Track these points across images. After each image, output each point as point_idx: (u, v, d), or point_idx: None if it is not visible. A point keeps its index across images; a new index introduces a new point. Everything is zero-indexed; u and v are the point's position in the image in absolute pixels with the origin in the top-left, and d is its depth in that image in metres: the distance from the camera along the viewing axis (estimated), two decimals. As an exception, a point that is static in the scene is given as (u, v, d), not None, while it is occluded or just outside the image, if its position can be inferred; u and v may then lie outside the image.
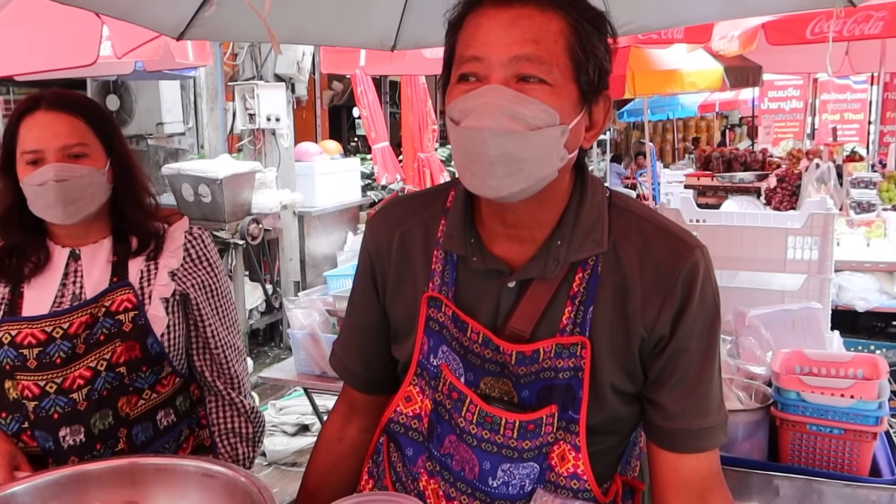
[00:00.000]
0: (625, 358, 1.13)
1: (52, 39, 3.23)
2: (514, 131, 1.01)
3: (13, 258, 1.63)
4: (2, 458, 1.49)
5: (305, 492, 1.37)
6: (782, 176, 5.95)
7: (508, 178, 1.03)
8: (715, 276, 1.17)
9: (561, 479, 1.14)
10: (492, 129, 1.00)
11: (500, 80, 1.02)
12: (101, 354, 1.61)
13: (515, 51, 1.02)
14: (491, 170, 1.03)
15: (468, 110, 1.03)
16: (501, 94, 1.01)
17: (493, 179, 1.04)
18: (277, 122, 6.37)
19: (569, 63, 1.04)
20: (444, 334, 1.18)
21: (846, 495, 1.62)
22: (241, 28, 2.51)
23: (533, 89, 1.02)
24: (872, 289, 3.82)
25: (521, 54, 1.01)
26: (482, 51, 1.03)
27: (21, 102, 1.61)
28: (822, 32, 5.16)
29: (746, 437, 1.78)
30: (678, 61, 7.24)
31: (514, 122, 1.01)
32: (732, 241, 2.64)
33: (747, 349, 2.00)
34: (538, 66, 1.02)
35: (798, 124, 11.55)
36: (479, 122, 1.01)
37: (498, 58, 1.02)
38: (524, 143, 1.02)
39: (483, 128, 1.01)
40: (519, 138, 1.01)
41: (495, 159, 1.02)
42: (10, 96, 7.78)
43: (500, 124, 1.00)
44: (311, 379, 3.11)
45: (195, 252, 1.74)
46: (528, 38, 1.02)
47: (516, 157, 1.02)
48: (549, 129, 1.03)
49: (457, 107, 1.05)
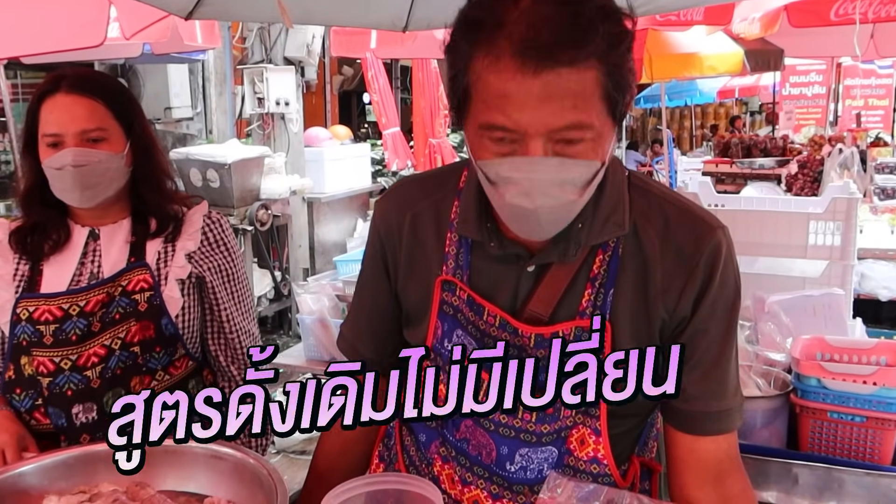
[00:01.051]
0: (645, 340, 1.12)
1: (60, 20, 3.24)
2: (566, 201, 1.01)
3: (34, 236, 1.67)
4: (10, 438, 1.51)
5: (315, 475, 1.38)
6: (804, 162, 5.90)
7: (557, 227, 1.06)
8: (736, 257, 1.16)
9: (580, 464, 1.14)
10: (545, 206, 1.00)
11: (539, 149, 0.96)
12: (116, 333, 1.63)
13: (555, 123, 0.95)
14: (540, 229, 1.05)
15: (510, 180, 0.99)
16: (547, 167, 0.97)
17: (540, 233, 1.07)
18: (287, 106, 6.37)
19: (605, 106, 0.98)
20: (459, 318, 1.18)
21: (868, 484, 1.62)
22: (251, 7, 2.52)
23: (576, 151, 0.98)
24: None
25: (561, 125, 0.95)
26: (514, 124, 0.96)
27: (43, 82, 1.63)
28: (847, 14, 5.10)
29: (765, 425, 1.77)
30: (697, 44, 7.17)
31: (564, 190, 0.99)
32: (752, 226, 2.62)
33: (767, 335, 1.99)
34: (580, 131, 0.97)
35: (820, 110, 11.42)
36: (529, 201, 0.99)
37: (535, 130, 0.95)
38: (571, 208, 1.03)
39: (535, 208, 1.00)
40: (571, 204, 1.02)
41: (546, 224, 1.04)
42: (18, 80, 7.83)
43: (553, 200, 1.00)
44: (320, 365, 3.11)
45: (213, 236, 1.76)
46: (567, 106, 0.94)
47: (567, 215, 1.05)
48: (595, 179, 1.02)
49: (492, 169, 1.00)
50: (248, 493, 1.30)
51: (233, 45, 7.16)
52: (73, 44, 3.35)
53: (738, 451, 1.18)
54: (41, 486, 1.32)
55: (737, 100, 18.22)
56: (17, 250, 1.68)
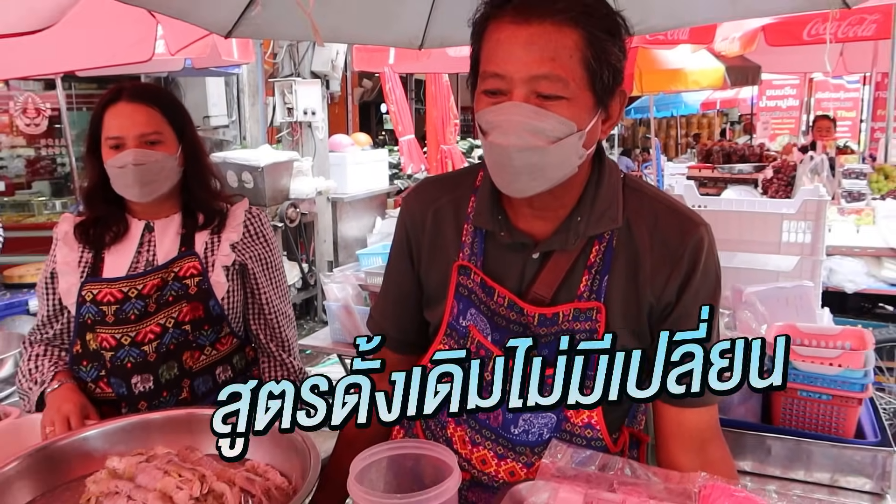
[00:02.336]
0: (635, 322, 1.15)
1: (112, 38, 3.27)
2: (536, 146, 1.03)
3: (96, 228, 1.72)
4: (74, 407, 1.54)
5: (343, 442, 1.40)
6: (778, 167, 5.88)
7: (532, 181, 1.07)
8: (717, 251, 1.18)
9: (576, 429, 1.16)
10: (515, 145, 1.03)
11: (521, 97, 1.02)
12: (170, 313, 1.67)
13: (534, 70, 1.01)
14: (516, 177, 1.06)
15: (493, 124, 1.04)
16: (522, 111, 1.02)
17: (519, 184, 1.08)
18: (313, 115, 6.40)
19: (584, 74, 1.03)
20: (473, 299, 1.20)
21: (833, 455, 1.63)
22: (284, 26, 2.53)
23: (552, 104, 1.02)
24: (861, 272, 3.79)
25: (538, 74, 1.01)
26: (503, 68, 1.03)
27: (106, 92, 1.67)
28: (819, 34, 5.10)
29: (742, 402, 1.79)
30: (682, 61, 7.17)
31: (536, 136, 1.02)
32: (731, 224, 2.63)
33: (744, 322, 2.00)
34: (555, 85, 1.02)
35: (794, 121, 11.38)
36: (504, 139, 1.03)
37: (519, 76, 1.02)
38: (545, 155, 1.04)
39: (508, 145, 1.03)
40: (541, 152, 1.04)
41: (520, 169, 1.05)
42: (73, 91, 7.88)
43: (523, 141, 1.02)
44: (344, 346, 3.14)
45: (253, 229, 1.79)
46: (546, 56, 1.01)
47: (539, 166, 1.05)
48: (567, 139, 1.04)
49: (483, 118, 1.06)
50: (284, 457, 1.33)
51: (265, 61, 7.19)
52: (124, 59, 3.37)
53: (718, 422, 1.19)
54: (103, 448, 1.36)
55: (718, 111, 18.13)
56: (81, 240, 1.72)
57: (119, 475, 1.18)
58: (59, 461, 1.33)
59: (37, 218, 7.30)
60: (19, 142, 8.33)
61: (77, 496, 1.21)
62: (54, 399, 1.60)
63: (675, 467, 1.13)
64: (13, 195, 7.94)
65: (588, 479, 1.07)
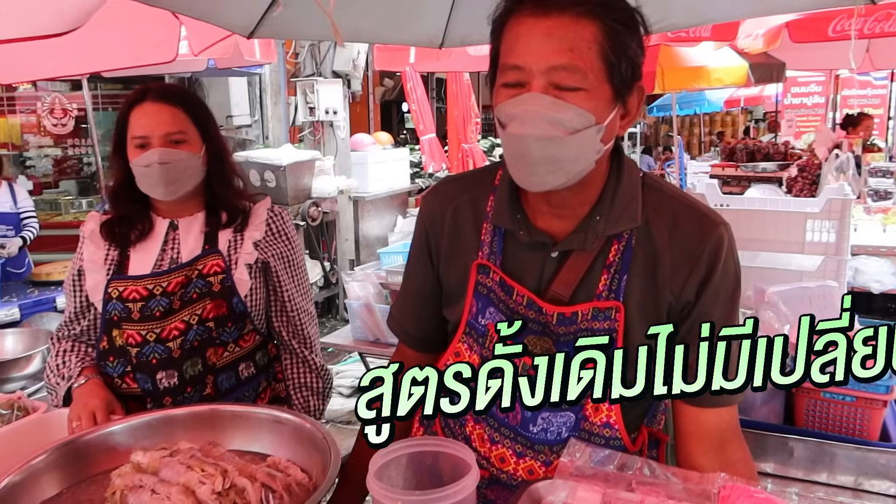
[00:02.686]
0: (654, 321, 1.13)
1: (136, 39, 3.31)
2: (554, 137, 1.02)
3: (121, 226, 1.74)
4: (100, 402, 1.57)
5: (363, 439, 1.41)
6: (803, 165, 5.80)
7: (550, 175, 1.06)
8: (737, 250, 1.17)
9: (595, 428, 1.16)
10: (534, 135, 1.03)
11: (539, 88, 1.02)
12: (194, 310, 1.69)
13: (552, 61, 1.01)
14: (534, 169, 1.06)
15: (512, 116, 1.04)
16: (541, 102, 1.02)
17: (537, 177, 1.07)
18: (335, 114, 6.43)
19: (602, 66, 1.03)
20: (492, 297, 1.20)
21: (857, 458, 1.61)
22: (305, 26, 2.56)
23: (570, 95, 1.02)
24: (888, 272, 3.72)
25: (557, 64, 1.01)
26: (522, 60, 1.03)
27: (131, 93, 1.70)
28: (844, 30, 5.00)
29: (764, 403, 1.77)
30: (705, 58, 7.08)
31: (554, 127, 1.02)
32: (754, 224, 2.60)
33: (766, 322, 1.98)
34: (573, 76, 1.02)
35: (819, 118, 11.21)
36: (522, 128, 1.03)
37: (537, 67, 1.02)
38: (563, 146, 1.04)
39: (526, 134, 1.03)
40: (558, 142, 1.03)
41: (538, 161, 1.05)
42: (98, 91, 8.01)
43: (541, 131, 1.02)
44: (365, 345, 3.16)
45: (276, 227, 1.81)
46: (564, 47, 1.01)
47: (557, 158, 1.05)
48: (585, 131, 1.04)
49: (502, 111, 1.06)
50: (305, 454, 1.34)
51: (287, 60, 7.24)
52: (148, 60, 3.42)
53: (738, 422, 1.18)
54: (128, 443, 1.38)
55: (742, 109, 17.92)
56: (107, 239, 1.74)
57: (143, 469, 1.20)
58: (85, 455, 1.35)
59: (64, 216, 7.44)
60: (47, 142, 8.50)
61: (102, 489, 1.23)
62: (81, 394, 1.62)
63: (694, 468, 1.12)
64: (41, 194, 8.10)
65: (606, 478, 1.07)
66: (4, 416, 1.73)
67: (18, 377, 2.35)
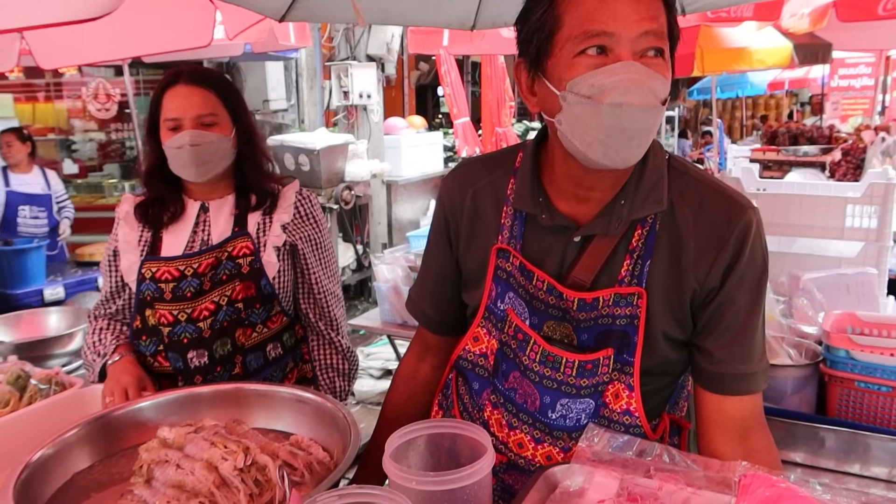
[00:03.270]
0: (677, 308, 1.12)
1: (172, 24, 3.36)
2: (656, 106, 0.99)
3: (154, 208, 1.78)
4: (132, 379, 1.61)
5: (384, 420, 1.42)
6: (847, 150, 5.61)
7: (639, 148, 1.03)
8: (765, 235, 1.13)
9: (614, 415, 1.14)
10: (640, 105, 0.98)
11: (630, 56, 0.98)
12: (224, 291, 1.72)
13: (645, 26, 0.98)
14: (629, 143, 1.02)
15: (606, 86, 0.98)
16: (639, 70, 0.97)
17: (628, 151, 1.02)
18: (369, 98, 6.45)
19: (667, 39, 1.02)
20: (512, 282, 1.19)
21: (891, 449, 1.56)
22: (336, 9, 2.56)
23: (657, 64, 1.00)
24: (934, 259, 3.59)
25: (650, 29, 0.98)
26: (612, 25, 0.98)
27: (164, 77, 1.72)
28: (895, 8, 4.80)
29: (795, 392, 1.73)
30: (747, 39, 6.87)
31: (653, 96, 0.99)
32: (791, 208, 2.53)
33: (800, 310, 1.93)
34: (661, 40, 1.00)
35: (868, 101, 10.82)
36: (626, 98, 0.97)
37: (628, 33, 0.98)
38: (657, 116, 1.01)
39: (630, 103, 0.97)
40: (655, 111, 1.00)
41: (635, 133, 1.01)
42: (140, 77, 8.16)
43: (645, 99, 0.98)
44: (394, 327, 3.18)
45: (304, 210, 1.83)
46: (653, 13, 0.99)
47: (650, 130, 1.02)
48: (666, 102, 1.02)
49: (588, 82, 0.99)
50: (326, 433, 1.36)
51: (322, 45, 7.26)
52: (185, 44, 3.46)
53: (762, 411, 1.15)
54: (156, 419, 1.42)
55: (787, 91, 17.40)
56: (141, 220, 1.78)
57: (169, 445, 1.23)
58: (115, 430, 1.40)
59: (107, 199, 7.63)
60: (91, 126, 8.69)
61: (131, 463, 1.26)
62: (114, 371, 1.67)
63: (716, 456, 1.11)
64: (86, 177, 8.31)
65: (625, 464, 1.06)
66: (43, 390, 1.78)
67: (62, 353, 2.43)
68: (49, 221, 5.23)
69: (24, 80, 8.12)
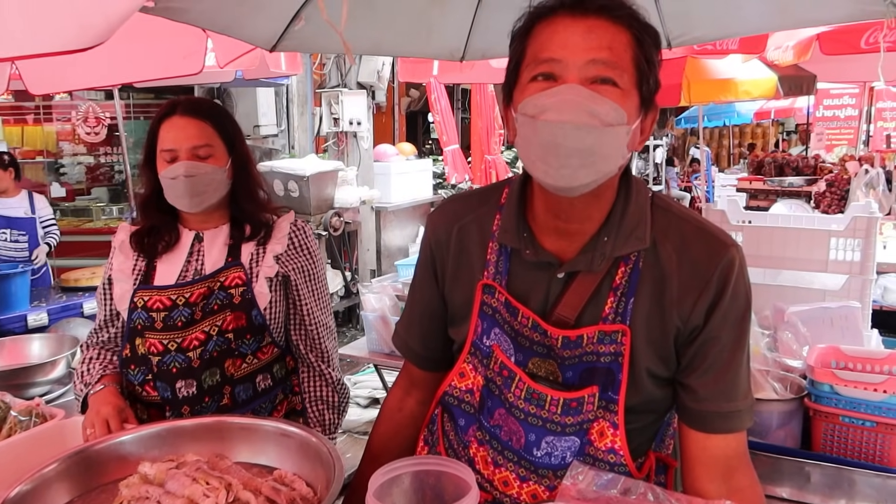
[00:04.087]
0: (661, 345, 1.12)
1: (165, 51, 3.39)
2: (591, 126, 1.01)
3: (150, 237, 1.78)
4: (113, 410, 1.59)
5: (369, 455, 1.41)
6: (832, 180, 5.69)
7: (581, 169, 1.04)
8: (748, 272, 1.15)
9: (599, 453, 1.14)
10: (572, 122, 1.01)
11: (576, 81, 1.02)
12: (214, 321, 1.72)
13: (592, 55, 1.02)
14: (567, 161, 1.03)
15: (546, 106, 1.02)
16: (579, 92, 1.01)
17: (568, 170, 1.04)
18: (359, 125, 6.49)
19: (634, 72, 1.04)
20: (497, 318, 1.20)
21: (877, 485, 1.57)
22: (327, 41, 2.59)
23: (606, 90, 1.02)
24: (918, 291, 3.63)
25: (597, 58, 1.02)
26: (560, 53, 1.03)
27: (161, 107, 1.75)
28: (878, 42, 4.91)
29: (780, 426, 1.74)
30: (733, 70, 6.99)
31: (591, 117, 1.01)
32: (776, 241, 2.56)
33: (784, 343, 1.95)
34: (612, 70, 1.02)
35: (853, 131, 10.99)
36: (559, 115, 1.01)
37: (575, 60, 1.02)
38: (599, 138, 1.02)
39: (564, 121, 1.01)
40: (595, 133, 1.02)
41: (572, 151, 1.02)
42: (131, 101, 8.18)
43: (579, 118, 1.01)
44: (381, 357, 3.16)
45: (297, 241, 1.83)
46: (604, 44, 1.03)
47: (591, 151, 1.03)
48: (618, 128, 1.03)
49: (532, 102, 1.04)
50: (310, 468, 1.35)
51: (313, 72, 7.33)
52: (176, 71, 3.49)
53: (747, 448, 1.16)
54: (137, 453, 1.40)
55: (773, 121, 17.65)
56: (136, 249, 1.79)
57: (150, 480, 1.22)
58: (96, 464, 1.38)
59: (95, 223, 7.59)
60: (80, 149, 8.68)
61: (111, 498, 1.25)
62: (95, 401, 1.65)
63: (700, 494, 1.11)
64: (73, 201, 8.27)
65: (609, 502, 1.06)
66: (23, 422, 1.76)
67: (44, 381, 2.40)
68: (31, 245, 5.19)
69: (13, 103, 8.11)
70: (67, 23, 1.83)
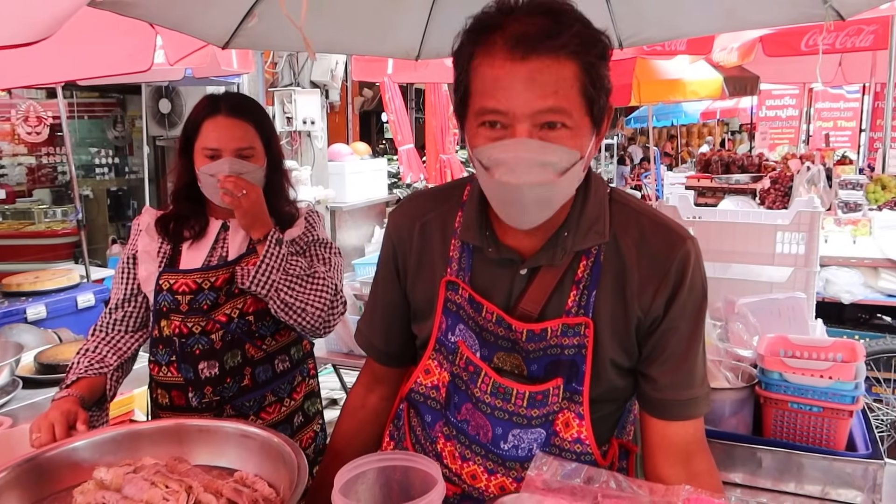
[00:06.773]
0: (623, 336, 1.15)
1: (112, 48, 3.28)
2: (546, 181, 1.02)
3: (175, 223, 1.82)
4: (60, 415, 1.52)
5: (332, 452, 1.40)
6: (776, 178, 5.88)
7: (541, 213, 1.07)
8: (704, 264, 1.18)
9: (565, 444, 1.16)
10: (528, 182, 1.01)
11: (525, 132, 1.00)
12: (236, 305, 1.77)
13: (538, 105, 0.99)
14: (527, 211, 1.06)
15: (499, 161, 1.02)
16: (530, 147, 1.00)
17: (529, 216, 1.07)
18: (312, 125, 6.43)
19: (583, 102, 1.02)
20: (461, 314, 1.20)
21: (823, 467, 1.63)
22: (280, 38, 2.56)
23: (556, 136, 1.01)
24: (857, 283, 3.78)
25: (543, 108, 0.99)
26: (505, 105, 1.00)
27: (204, 105, 1.76)
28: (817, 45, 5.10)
29: (733, 414, 1.79)
30: (681, 71, 7.19)
31: (545, 170, 1.01)
32: (725, 236, 2.64)
33: (735, 334, 2.01)
34: (559, 115, 1.00)
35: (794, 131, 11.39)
36: (514, 177, 1.01)
37: (522, 112, 0.99)
38: (555, 188, 1.04)
39: (520, 183, 1.01)
40: (551, 186, 1.03)
41: (530, 205, 1.05)
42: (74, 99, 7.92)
43: (534, 177, 1.01)
44: (339, 356, 3.14)
45: (311, 221, 1.91)
46: (549, 91, 0.99)
47: (548, 199, 1.05)
48: (573, 168, 1.04)
49: (485, 154, 1.03)
50: (273, 469, 1.32)
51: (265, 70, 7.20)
52: (123, 69, 3.38)
53: (704, 434, 1.19)
54: (92, 459, 1.35)
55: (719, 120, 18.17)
56: (161, 233, 1.82)
57: (106, 486, 1.19)
58: (48, 471, 1.32)
59: (37, 226, 7.33)
60: (21, 150, 8.37)
61: (65, 507, 1.21)
62: (51, 406, 1.60)
63: (660, 480, 1.13)
64: (14, 203, 7.97)
65: (573, 491, 1.07)
66: (-33, 431, 1.69)
67: (-15, 390, 2.31)
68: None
69: (-52, 102, 7.79)
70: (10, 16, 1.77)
